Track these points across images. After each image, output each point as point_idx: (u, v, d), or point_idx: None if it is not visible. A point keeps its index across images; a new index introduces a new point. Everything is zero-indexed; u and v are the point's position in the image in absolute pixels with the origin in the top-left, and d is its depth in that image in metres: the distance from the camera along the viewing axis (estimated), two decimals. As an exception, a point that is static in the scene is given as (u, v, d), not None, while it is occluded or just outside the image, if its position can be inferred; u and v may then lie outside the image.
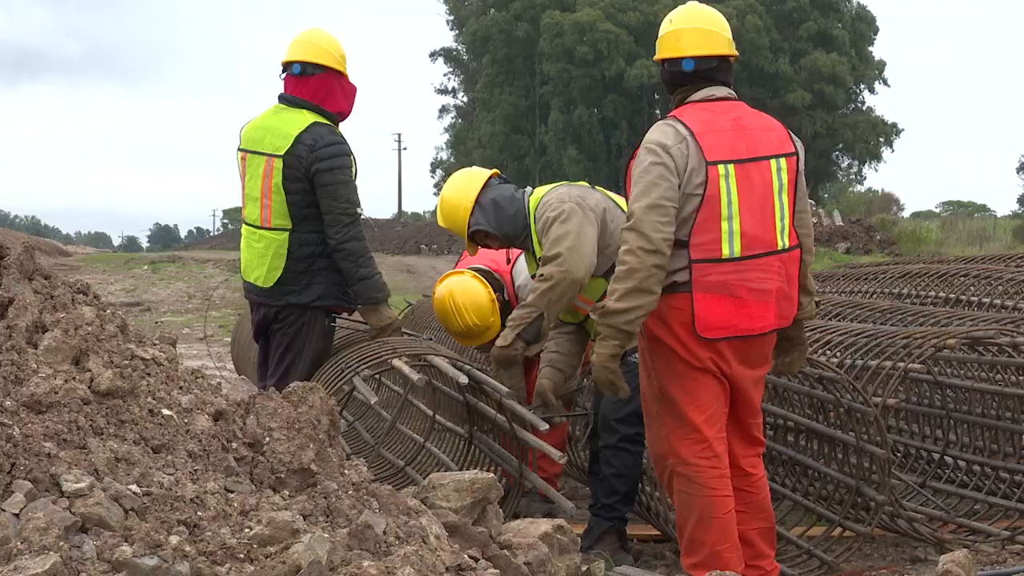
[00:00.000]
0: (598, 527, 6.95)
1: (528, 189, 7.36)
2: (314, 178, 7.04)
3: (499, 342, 7.17)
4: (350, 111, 7.40)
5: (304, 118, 7.18)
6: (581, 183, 7.29)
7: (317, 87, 7.25)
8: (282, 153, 7.13)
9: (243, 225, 7.46)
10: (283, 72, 7.34)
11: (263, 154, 7.20)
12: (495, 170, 7.48)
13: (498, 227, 7.18)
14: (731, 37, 5.92)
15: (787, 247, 5.63)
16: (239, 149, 7.39)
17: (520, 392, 7.62)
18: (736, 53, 5.92)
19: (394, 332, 7.35)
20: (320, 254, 7.16)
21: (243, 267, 7.45)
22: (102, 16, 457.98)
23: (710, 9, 6.03)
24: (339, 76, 7.29)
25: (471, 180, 7.34)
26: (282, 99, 7.34)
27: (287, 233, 7.19)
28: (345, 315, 7.58)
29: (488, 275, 8.01)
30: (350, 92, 7.37)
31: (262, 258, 7.25)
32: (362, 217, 7.30)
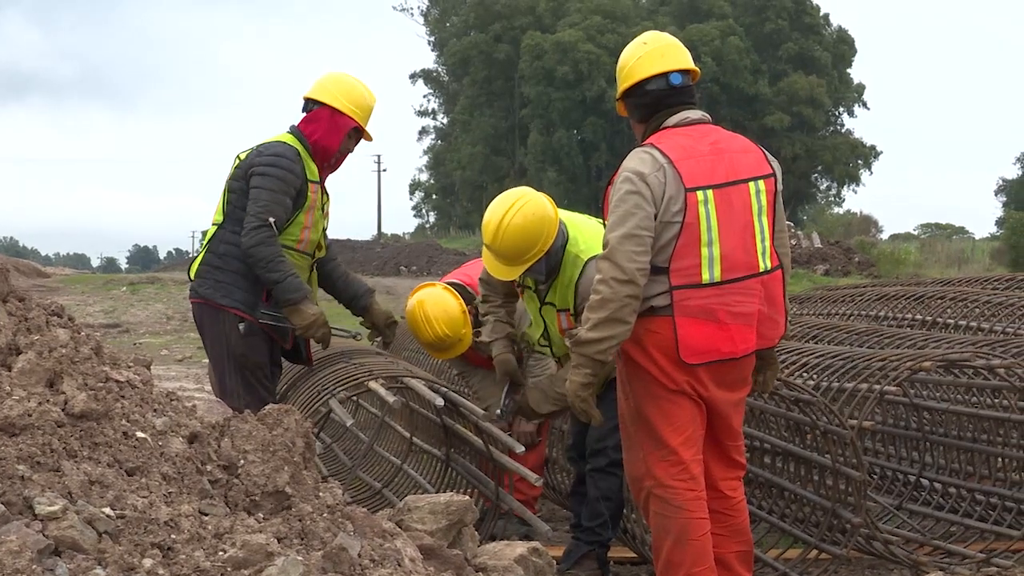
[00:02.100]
0: (578, 550, 6.95)
1: (563, 227, 6.83)
2: (249, 180, 7.07)
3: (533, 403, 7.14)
4: (329, 144, 7.30)
5: (283, 137, 7.26)
6: None
7: (308, 117, 7.32)
8: (242, 154, 7.26)
9: None
10: None
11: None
12: (552, 202, 6.89)
13: (548, 276, 6.83)
14: None
15: (768, 268, 5.62)
16: None
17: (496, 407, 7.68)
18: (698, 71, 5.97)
19: (320, 327, 7.29)
20: (234, 259, 7.12)
21: None
22: (90, 37, 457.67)
23: None
24: (333, 112, 7.27)
25: (551, 227, 6.71)
26: None
27: (216, 227, 7.27)
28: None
29: (461, 288, 7.99)
30: (339, 127, 7.29)
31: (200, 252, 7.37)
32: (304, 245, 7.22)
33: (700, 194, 5.44)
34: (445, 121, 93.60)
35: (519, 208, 6.61)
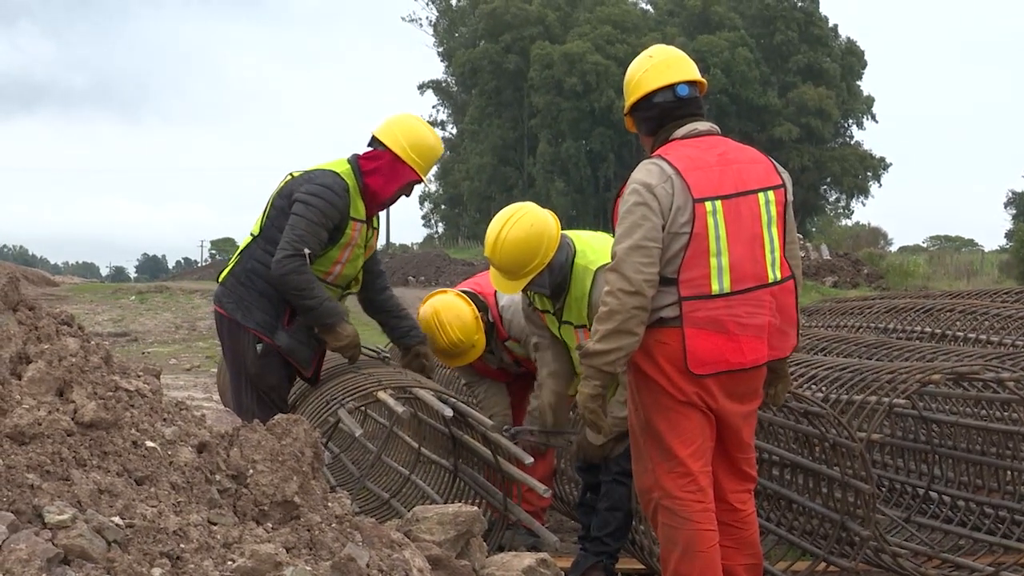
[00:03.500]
0: (585, 561, 6.95)
1: (570, 242, 6.91)
2: (292, 204, 7.09)
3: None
4: (383, 192, 7.33)
5: (339, 165, 7.32)
6: None
7: (369, 155, 7.35)
8: (296, 173, 7.32)
9: None
10: None
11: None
12: (556, 217, 6.99)
13: (552, 291, 6.88)
14: None
15: (779, 279, 5.60)
16: None
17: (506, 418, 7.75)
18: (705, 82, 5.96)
19: (354, 347, 7.37)
20: (260, 278, 7.17)
21: None
22: (102, 48, 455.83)
23: None
24: (396, 159, 7.28)
25: (551, 239, 6.79)
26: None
27: (251, 239, 7.32)
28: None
29: (472, 296, 8.01)
30: (398, 176, 7.31)
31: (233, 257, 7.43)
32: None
33: (708, 205, 5.43)
34: (454, 132, 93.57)
35: (516, 220, 6.73)
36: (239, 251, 7.35)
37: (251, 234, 7.33)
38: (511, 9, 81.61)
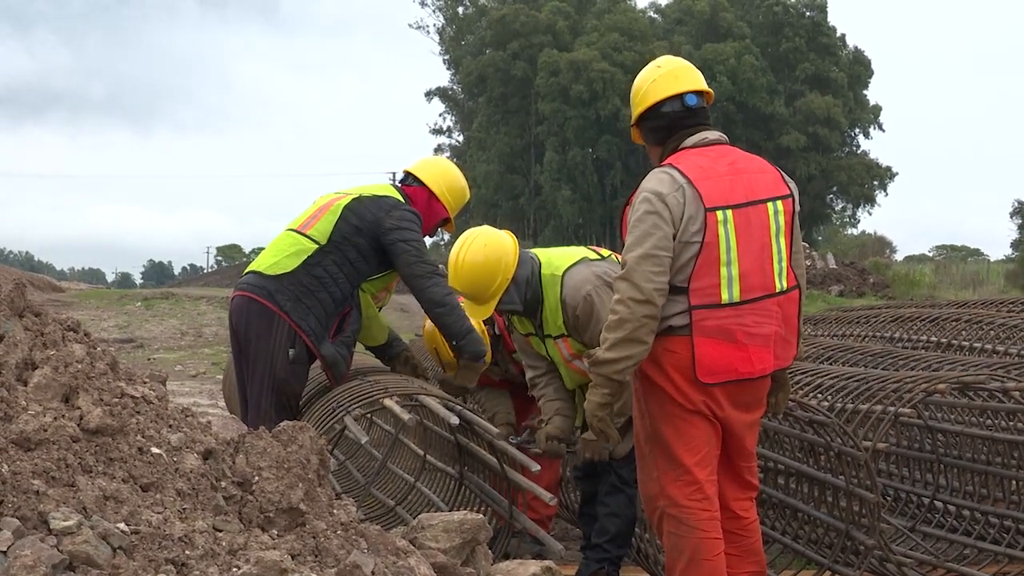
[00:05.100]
0: (587, 569, 6.95)
1: (533, 256, 7.00)
2: (385, 233, 7.36)
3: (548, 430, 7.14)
4: (422, 226, 7.64)
5: (393, 192, 7.62)
6: (590, 255, 6.99)
7: (412, 192, 7.71)
8: (365, 194, 7.53)
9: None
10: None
11: (342, 192, 7.61)
12: (512, 235, 7.10)
13: (526, 307, 6.93)
14: None
15: (785, 289, 5.61)
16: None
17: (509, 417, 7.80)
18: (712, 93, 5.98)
19: (473, 384, 7.85)
20: (323, 287, 7.25)
21: (255, 262, 7.61)
22: (115, 56, 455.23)
23: None
24: (432, 197, 7.70)
25: (507, 255, 6.87)
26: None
27: (316, 247, 7.33)
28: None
29: None
30: (433, 214, 7.73)
31: (278, 253, 7.42)
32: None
33: (720, 214, 5.43)
34: (461, 139, 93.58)
35: (469, 245, 6.88)
36: (302, 254, 7.35)
37: (310, 238, 7.38)
38: (520, 17, 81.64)
